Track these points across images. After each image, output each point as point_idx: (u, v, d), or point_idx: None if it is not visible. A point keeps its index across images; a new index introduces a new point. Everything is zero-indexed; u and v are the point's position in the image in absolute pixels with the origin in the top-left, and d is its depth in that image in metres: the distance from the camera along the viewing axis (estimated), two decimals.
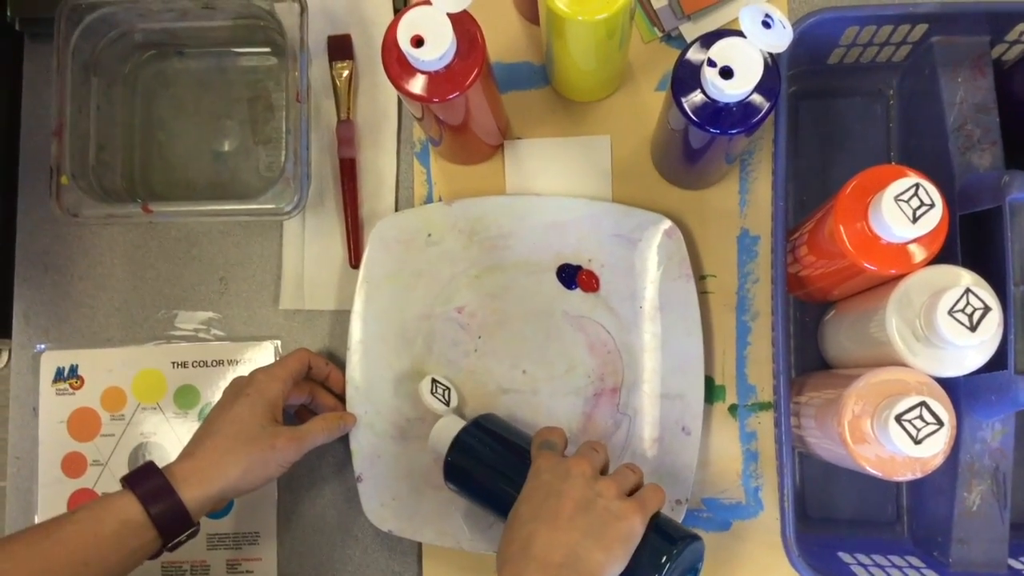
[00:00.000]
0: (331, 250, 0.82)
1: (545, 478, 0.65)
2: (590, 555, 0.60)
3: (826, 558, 0.71)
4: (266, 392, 0.71)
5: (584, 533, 0.61)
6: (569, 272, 0.79)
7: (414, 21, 0.61)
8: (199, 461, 0.68)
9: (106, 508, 0.65)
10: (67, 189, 0.76)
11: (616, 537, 0.61)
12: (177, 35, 0.82)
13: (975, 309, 0.59)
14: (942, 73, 0.72)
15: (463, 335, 0.79)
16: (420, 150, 0.83)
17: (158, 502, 0.65)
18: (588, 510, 0.62)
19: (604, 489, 0.63)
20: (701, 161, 0.73)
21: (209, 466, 0.68)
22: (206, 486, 0.67)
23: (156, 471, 0.67)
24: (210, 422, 0.71)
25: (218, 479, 0.67)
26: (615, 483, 0.64)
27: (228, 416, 0.70)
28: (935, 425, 0.59)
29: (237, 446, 0.68)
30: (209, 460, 0.68)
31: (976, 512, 0.69)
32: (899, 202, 0.59)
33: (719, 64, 0.60)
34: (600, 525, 0.61)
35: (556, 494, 0.63)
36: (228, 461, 0.68)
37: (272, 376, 0.73)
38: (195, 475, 0.67)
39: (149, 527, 0.65)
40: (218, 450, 0.68)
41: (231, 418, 0.70)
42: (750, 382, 0.80)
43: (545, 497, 0.63)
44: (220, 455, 0.68)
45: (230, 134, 0.84)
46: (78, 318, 0.84)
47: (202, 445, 0.69)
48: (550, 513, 0.62)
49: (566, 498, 0.62)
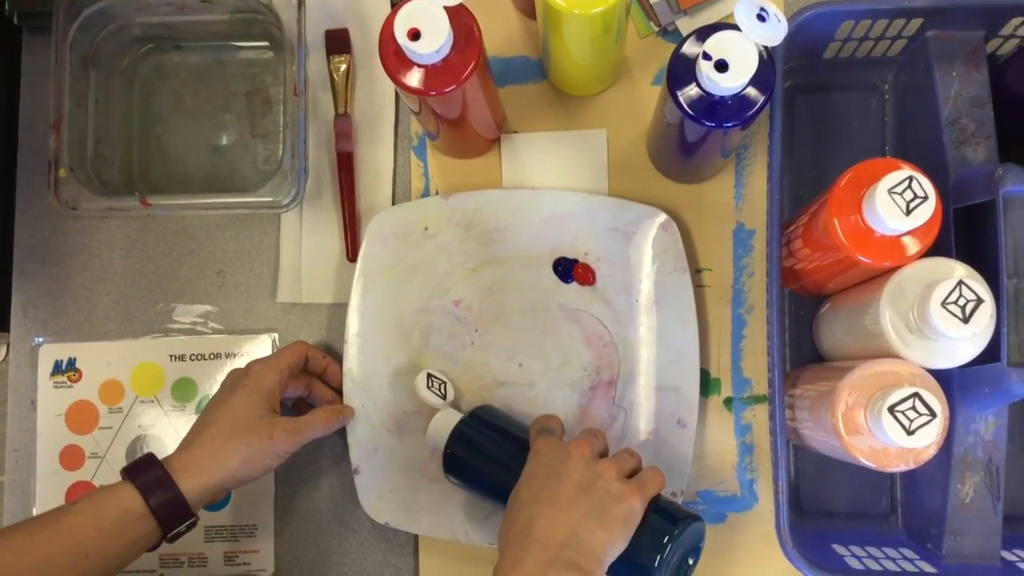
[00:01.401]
0: (328, 243, 0.82)
1: (545, 460, 0.65)
2: (591, 535, 0.61)
3: (820, 550, 0.71)
4: (263, 383, 0.72)
5: (585, 514, 0.61)
6: (565, 265, 0.79)
7: (411, 14, 0.62)
8: (197, 452, 0.68)
9: (106, 499, 0.65)
10: (65, 182, 0.76)
11: (616, 517, 0.62)
12: (175, 29, 0.83)
13: (968, 301, 0.59)
14: (937, 67, 0.72)
15: (460, 328, 0.80)
16: (417, 144, 0.83)
17: (157, 493, 0.66)
18: (588, 491, 0.62)
19: (604, 471, 0.64)
20: (697, 155, 0.73)
21: (207, 457, 0.68)
22: (205, 477, 0.67)
23: (155, 462, 0.67)
24: (207, 413, 0.71)
25: (217, 470, 0.68)
26: (615, 465, 0.65)
27: (226, 407, 0.70)
28: (928, 416, 0.59)
29: (235, 436, 0.69)
30: (207, 451, 0.68)
31: (969, 504, 0.69)
32: (892, 195, 0.59)
33: (714, 58, 0.60)
34: (600, 506, 0.62)
35: (556, 476, 0.63)
36: (226, 451, 0.68)
37: (269, 367, 0.73)
38: (193, 466, 0.67)
39: (149, 517, 0.65)
40: (216, 441, 0.69)
41: (229, 409, 0.70)
42: (745, 375, 0.80)
43: (545, 479, 0.64)
44: (218, 446, 0.68)
45: (228, 128, 0.84)
46: (76, 311, 0.84)
47: (200, 436, 0.69)
48: (550, 495, 0.62)
49: (566, 479, 0.63)
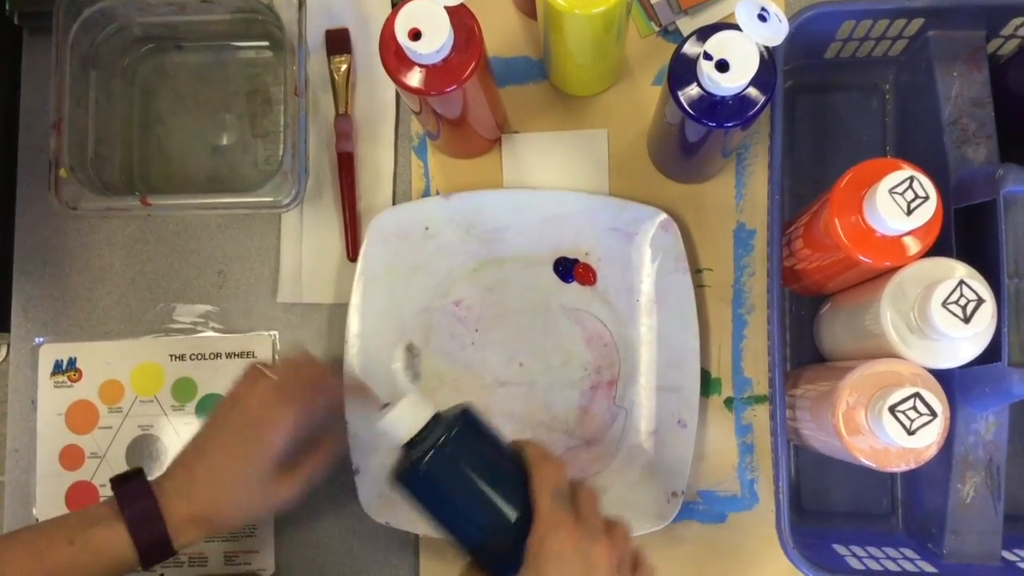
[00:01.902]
0: (329, 243, 0.82)
1: (569, 560, 0.58)
2: None
3: (821, 550, 0.71)
4: (274, 443, 0.67)
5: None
6: (566, 265, 0.80)
7: (412, 14, 0.61)
8: (196, 505, 0.65)
9: (103, 550, 0.64)
10: (66, 182, 0.76)
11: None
12: (176, 29, 0.83)
13: (969, 301, 0.59)
14: (938, 67, 0.72)
15: (460, 328, 0.80)
16: (418, 144, 0.83)
17: (153, 551, 0.64)
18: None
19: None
20: (697, 155, 0.73)
21: (207, 512, 0.66)
22: (200, 532, 0.66)
23: (158, 518, 0.64)
24: (209, 455, 0.67)
25: (213, 526, 0.66)
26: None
27: (229, 460, 0.66)
28: (928, 416, 0.59)
29: (236, 497, 0.66)
30: (207, 508, 0.66)
31: (970, 504, 0.69)
32: (893, 195, 0.59)
33: (715, 58, 0.60)
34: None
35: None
36: (226, 511, 0.66)
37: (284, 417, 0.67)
38: (193, 524, 0.65)
39: (136, 563, 0.65)
40: (216, 501, 0.66)
41: (232, 465, 0.66)
42: (746, 375, 0.80)
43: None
44: (218, 505, 0.66)
45: (228, 128, 0.84)
46: (76, 311, 0.84)
47: (199, 486, 0.66)
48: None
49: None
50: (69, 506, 0.82)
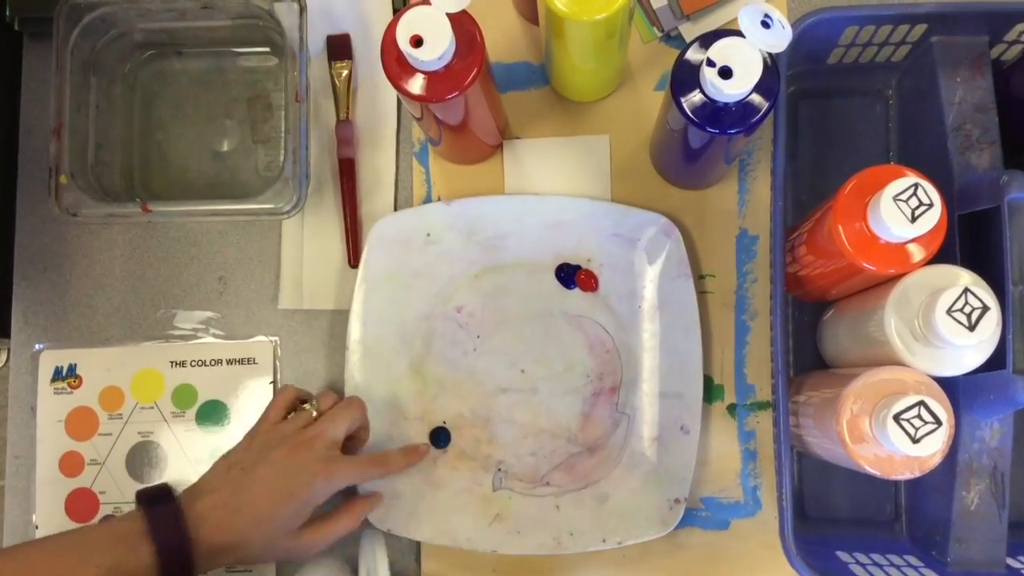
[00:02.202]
0: (330, 250, 0.82)
1: None
2: None
3: (825, 557, 0.71)
4: (320, 497, 0.70)
5: None
6: (568, 272, 0.79)
7: (413, 21, 0.61)
8: (228, 535, 0.66)
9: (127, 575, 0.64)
10: (66, 188, 0.76)
11: None
12: (176, 35, 0.82)
13: (973, 308, 0.59)
14: (941, 73, 0.72)
15: (462, 334, 0.79)
16: (419, 150, 0.83)
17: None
18: None
19: None
20: (700, 161, 0.73)
21: (236, 542, 0.66)
22: (224, 561, 0.67)
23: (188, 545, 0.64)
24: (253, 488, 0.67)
25: (236, 557, 0.67)
26: None
27: (273, 495, 0.68)
28: (933, 424, 0.59)
29: (269, 534, 0.67)
30: (237, 538, 0.66)
31: (974, 511, 0.69)
32: (898, 202, 0.59)
33: (718, 64, 0.60)
34: None
35: None
36: (255, 545, 0.67)
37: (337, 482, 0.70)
38: (220, 554, 0.66)
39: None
40: (248, 536, 0.66)
41: (275, 500, 0.67)
42: (749, 381, 0.80)
43: None
44: (249, 539, 0.67)
45: (229, 134, 0.84)
46: (77, 317, 0.83)
47: (237, 517, 0.67)
48: None
49: None
50: (68, 512, 0.81)
